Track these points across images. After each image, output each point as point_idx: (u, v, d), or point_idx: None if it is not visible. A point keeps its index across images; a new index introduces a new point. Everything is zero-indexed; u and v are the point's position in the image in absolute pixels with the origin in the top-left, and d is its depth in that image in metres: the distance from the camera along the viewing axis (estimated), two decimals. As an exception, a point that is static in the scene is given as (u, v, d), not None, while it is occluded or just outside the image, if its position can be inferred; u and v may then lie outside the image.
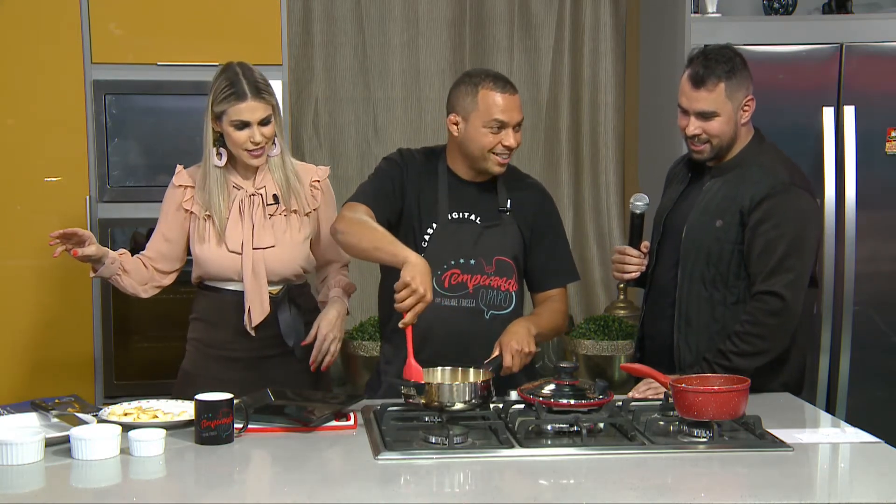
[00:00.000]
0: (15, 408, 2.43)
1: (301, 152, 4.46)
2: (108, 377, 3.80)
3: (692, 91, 2.66)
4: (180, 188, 2.80)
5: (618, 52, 4.65)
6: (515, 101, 2.69)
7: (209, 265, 2.77)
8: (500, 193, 2.79)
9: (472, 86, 2.69)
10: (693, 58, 2.69)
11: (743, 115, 2.69)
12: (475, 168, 2.75)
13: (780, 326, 2.61)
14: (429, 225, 2.74)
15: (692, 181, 2.82)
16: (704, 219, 2.70)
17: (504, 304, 2.76)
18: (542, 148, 4.65)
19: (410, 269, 2.40)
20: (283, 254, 2.77)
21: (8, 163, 3.73)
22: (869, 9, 4.25)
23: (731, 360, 2.59)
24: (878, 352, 3.96)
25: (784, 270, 2.60)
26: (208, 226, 2.76)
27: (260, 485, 2.02)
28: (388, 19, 4.51)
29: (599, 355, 4.09)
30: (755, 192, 2.63)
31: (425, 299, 2.38)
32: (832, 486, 2.11)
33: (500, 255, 2.75)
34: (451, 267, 2.72)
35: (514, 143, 2.69)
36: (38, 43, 3.71)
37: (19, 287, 3.77)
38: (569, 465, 2.14)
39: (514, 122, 2.68)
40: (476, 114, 2.68)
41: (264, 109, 2.70)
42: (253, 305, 2.73)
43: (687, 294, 2.71)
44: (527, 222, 2.80)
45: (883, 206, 3.95)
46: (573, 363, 2.38)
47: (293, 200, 2.79)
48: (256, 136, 2.69)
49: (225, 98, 2.68)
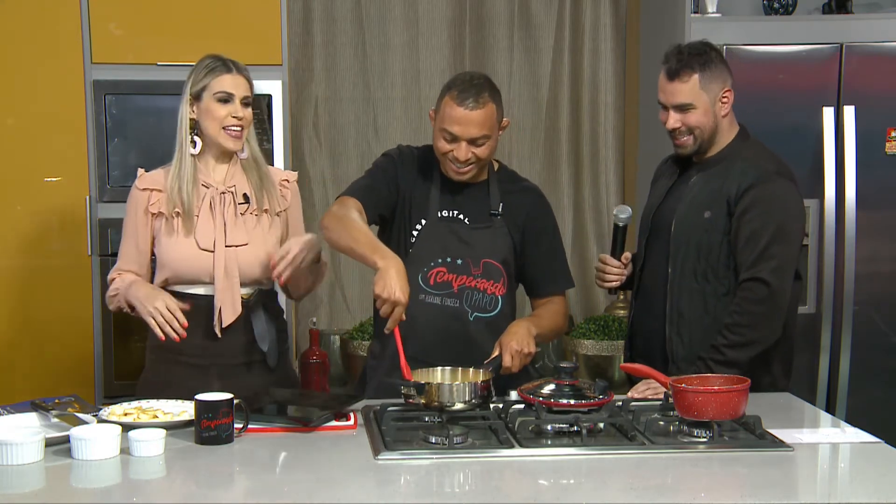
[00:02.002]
0: (15, 408, 2.43)
1: (301, 152, 4.46)
2: (108, 377, 3.80)
3: (667, 84, 2.72)
4: (145, 192, 2.69)
5: (618, 52, 4.65)
6: (476, 117, 2.61)
7: (178, 264, 2.65)
8: (492, 196, 2.78)
9: (446, 88, 2.68)
10: (668, 54, 2.75)
11: (722, 106, 2.73)
12: (444, 171, 2.74)
13: (769, 314, 2.63)
14: (418, 221, 2.74)
15: (678, 178, 2.85)
16: (692, 212, 2.73)
17: (489, 307, 2.75)
18: (542, 148, 4.65)
19: (378, 277, 2.40)
20: (256, 252, 2.69)
21: (8, 163, 3.73)
22: (869, 9, 4.26)
23: (724, 354, 2.60)
24: (878, 352, 3.95)
25: (768, 257, 2.62)
26: (177, 223, 2.66)
27: (260, 485, 2.02)
28: (388, 19, 4.52)
29: (599, 355, 4.09)
30: (741, 181, 2.67)
31: (399, 304, 2.39)
32: (832, 486, 2.11)
33: (488, 257, 2.75)
34: (438, 265, 2.72)
35: (464, 158, 2.64)
36: (38, 43, 3.71)
37: (19, 287, 3.77)
38: (569, 465, 2.14)
39: (466, 137, 2.63)
40: (438, 117, 2.68)
41: (246, 88, 2.68)
42: (224, 305, 2.64)
43: (678, 287, 2.73)
44: (517, 226, 2.79)
45: (883, 206, 3.95)
46: (573, 363, 2.39)
47: (265, 200, 2.73)
48: (238, 112, 2.65)
49: (209, 72, 2.65)
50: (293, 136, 4.34)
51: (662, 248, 2.78)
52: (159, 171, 2.73)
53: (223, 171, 2.73)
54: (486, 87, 2.66)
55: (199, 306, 2.66)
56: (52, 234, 3.78)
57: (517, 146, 4.63)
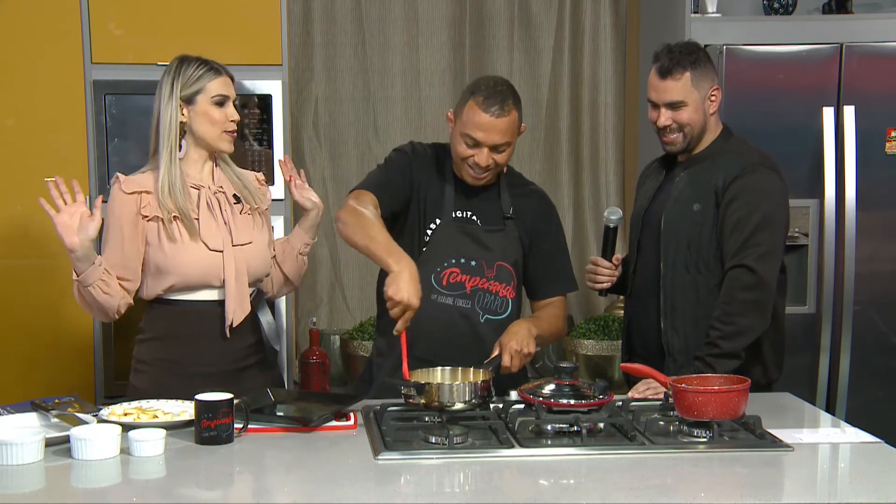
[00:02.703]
0: (15, 408, 2.43)
1: (301, 152, 4.46)
2: (108, 377, 3.80)
3: (660, 82, 2.77)
4: (133, 195, 2.58)
5: (618, 53, 4.65)
6: (501, 124, 2.62)
7: (188, 269, 2.57)
8: (503, 199, 2.79)
9: (469, 92, 2.68)
10: (658, 53, 2.80)
11: (710, 105, 2.79)
12: (459, 173, 2.74)
13: (757, 301, 2.65)
14: (432, 220, 2.74)
15: (665, 178, 2.89)
16: (681, 206, 2.78)
17: (500, 310, 2.75)
18: (542, 148, 4.65)
19: (391, 280, 2.40)
20: (260, 251, 2.70)
21: (8, 163, 3.73)
22: (869, 9, 4.26)
23: (719, 346, 2.61)
24: (878, 352, 3.95)
25: (754, 245, 2.66)
26: (178, 227, 2.58)
27: (260, 485, 2.02)
28: (388, 19, 4.52)
29: (599, 355, 4.09)
30: (728, 172, 2.72)
31: (411, 307, 2.39)
32: (832, 486, 2.11)
33: (502, 260, 2.75)
34: (452, 265, 2.72)
35: (485, 164, 2.65)
36: (38, 43, 3.71)
37: (19, 287, 3.77)
38: (569, 465, 2.14)
39: (489, 143, 2.64)
40: (460, 121, 2.67)
41: (233, 89, 2.67)
42: (235, 306, 2.60)
43: (671, 282, 2.77)
44: (526, 230, 2.80)
45: (883, 206, 3.94)
46: (573, 363, 2.39)
47: (251, 198, 2.72)
48: (234, 115, 2.64)
49: (201, 76, 2.62)
50: (293, 136, 4.34)
51: (654, 246, 2.82)
52: (142, 174, 2.64)
53: (209, 173, 2.70)
54: (510, 93, 2.66)
55: (205, 313, 2.62)
56: (52, 234, 3.76)
57: (517, 146, 4.60)
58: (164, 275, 2.59)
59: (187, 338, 2.62)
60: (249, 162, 3.74)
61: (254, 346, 2.71)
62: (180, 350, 2.62)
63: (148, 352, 2.66)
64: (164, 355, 2.63)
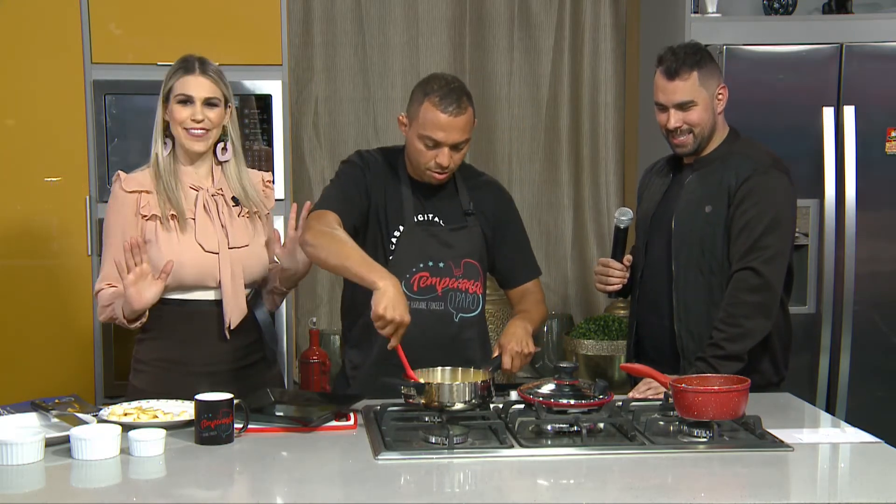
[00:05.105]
0: (15, 408, 2.43)
1: (301, 152, 4.46)
2: (108, 377, 3.80)
3: (667, 83, 2.73)
4: (133, 194, 2.60)
5: (618, 52, 4.65)
6: (459, 122, 2.59)
7: (181, 268, 2.56)
8: (461, 195, 2.77)
9: (422, 94, 2.64)
10: (662, 56, 2.77)
11: (718, 104, 2.77)
12: (417, 175, 2.72)
13: (762, 303, 2.64)
14: (395, 228, 2.71)
15: (672, 180, 2.87)
16: (692, 208, 2.75)
17: (472, 307, 2.75)
18: (542, 148, 4.65)
19: (380, 298, 2.36)
20: (256, 253, 2.69)
21: (8, 163, 3.73)
22: (869, 9, 4.26)
23: (724, 348, 2.60)
24: (878, 352, 3.95)
25: (761, 248, 2.65)
26: (174, 227, 2.60)
27: (260, 485, 2.02)
28: (388, 19, 4.51)
29: (599, 355, 4.09)
30: (740, 172, 2.71)
31: (403, 324, 2.37)
32: (832, 486, 2.11)
33: (467, 257, 2.74)
34: (420, 270, 2.71)
35: (447, 163, 2.63)
36: (38, 43, 3.71)
37: (19, 287, 3.77)
38: (569, 465, 2.14)
39: (450, 143, 2.61)
40: (416, 123, 2.64)
41: (211, 89, 2.61)
42: (232, 307, 2.61)
43: (684, 283, 2.75)
44: (488, 222, 2.79)
45: (883, 206, 3.94)
46: (573, 363, 2.39)
47: (251, 202, 2.70)
48: (198, 115, 2.59)
49: (173, 74, 2.62)
50: (293, 136, 4.34)
51: (664, 248, 2.79)
52: (142, 172, 2.66)
53: (208, 174, 2.69)
54: (463, 90, 2.64)
55: (204, 313, 2.63)
56: (52, 234, 3.78)
57: (517, 146, 4.63)
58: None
59: (187, 337, 2.63)
60: (249, 162, 3.74)
61: (253, 345, 2.71)
62: (180, 350, 2.63)
63: (147, 352, 2.66)
64: (164, 355, 2.64)
